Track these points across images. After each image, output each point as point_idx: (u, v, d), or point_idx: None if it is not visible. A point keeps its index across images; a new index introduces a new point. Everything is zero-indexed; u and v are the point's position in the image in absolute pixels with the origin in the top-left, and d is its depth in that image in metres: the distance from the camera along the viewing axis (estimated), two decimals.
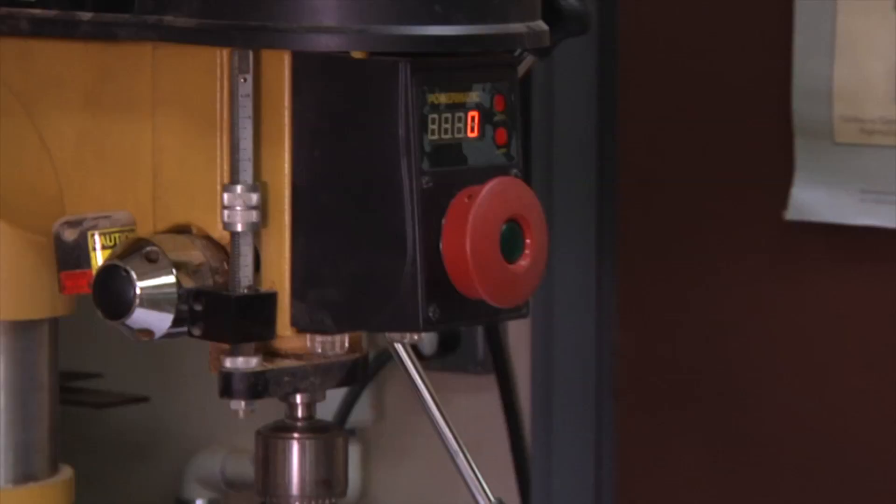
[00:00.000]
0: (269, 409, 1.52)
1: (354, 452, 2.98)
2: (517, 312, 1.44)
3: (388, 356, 2.90)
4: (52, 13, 1.43)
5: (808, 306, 2.38)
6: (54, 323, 1.60)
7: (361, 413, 2.90)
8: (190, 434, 3.14)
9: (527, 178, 1.45)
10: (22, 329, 1.58)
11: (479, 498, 1.51)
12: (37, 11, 1.44)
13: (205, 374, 3.06)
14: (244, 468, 3.02)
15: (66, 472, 1.61)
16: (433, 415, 1.53)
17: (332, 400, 2.73)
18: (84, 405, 2.80)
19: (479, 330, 2.77)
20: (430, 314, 1.37)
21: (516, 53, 1.46)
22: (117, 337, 3.07)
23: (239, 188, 1.38)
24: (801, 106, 2.32)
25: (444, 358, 2.81)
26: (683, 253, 2.46)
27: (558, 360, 2.64)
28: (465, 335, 2.80)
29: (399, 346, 1.49)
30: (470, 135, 1.40)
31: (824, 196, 2.33)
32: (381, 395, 2.98)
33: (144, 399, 3.04)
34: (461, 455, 1.53)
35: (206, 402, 3.10)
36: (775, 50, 2.34)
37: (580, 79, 2.52)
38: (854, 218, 2.31)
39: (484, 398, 2.82)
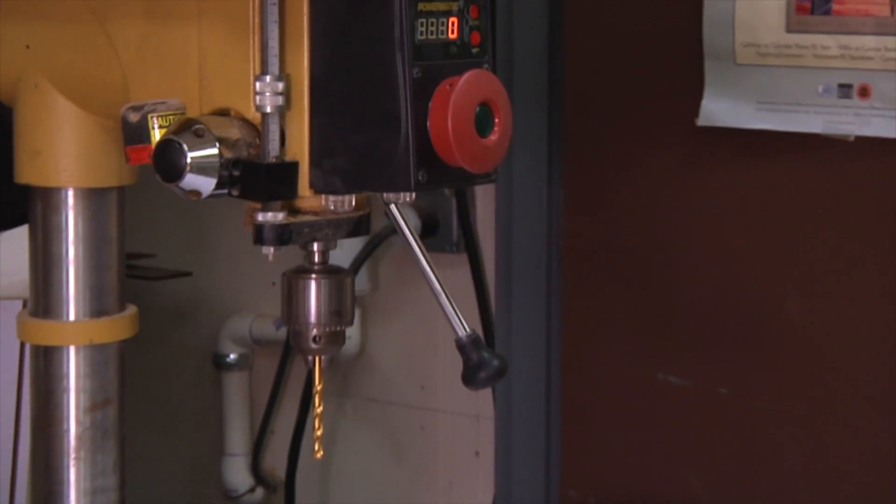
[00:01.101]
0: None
1: (355, 315, 3.00)
2: (487, 178, 1.45)
3: (382, 238, 2.93)
4: None
5: (716, 192, 2.38)
6: (121, 191, 1.60)
7: (360, 284, 2.91)
8: (224, 302, 3.15)
9: (494, 72, 1.46)
10: (96, 195, 1.58)
11: (458, 328, 1.52)
12: None
13: (237, 255, 3.10)
14: (267, 329, 3.04)
15: (132, 309, 1.63)
16: (419, 260, 1.54)
17: None
18: (140, 278, 2.81)
19: (454, 216, 2.77)
20: (420, 178, 1.39)
21: None
22: (167, 224, 3.10)
23: (268, 78, 1.39)
24: (710, 34, 2.32)
25: (425, 240, 2.80)
26: (617, 152, 2.46)
27: (517, 241, 2.62)
28: (442, 222, 2.80)
29: (393, 207, 1.49)
30: (451, 36, 1.41)
31: (727, 106, 2.33)
32: (376, 270, 2.99)
33: (188, 274, 3.05)
34: (443, 295, 1.53)
35: (237, 277, 3.12)
36: None
37: (529, 11, 2.53)
38: (751, 123, 2.31)
39: (458, 273, 2.83)
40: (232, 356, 3.14)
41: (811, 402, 2.32)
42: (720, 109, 2.33)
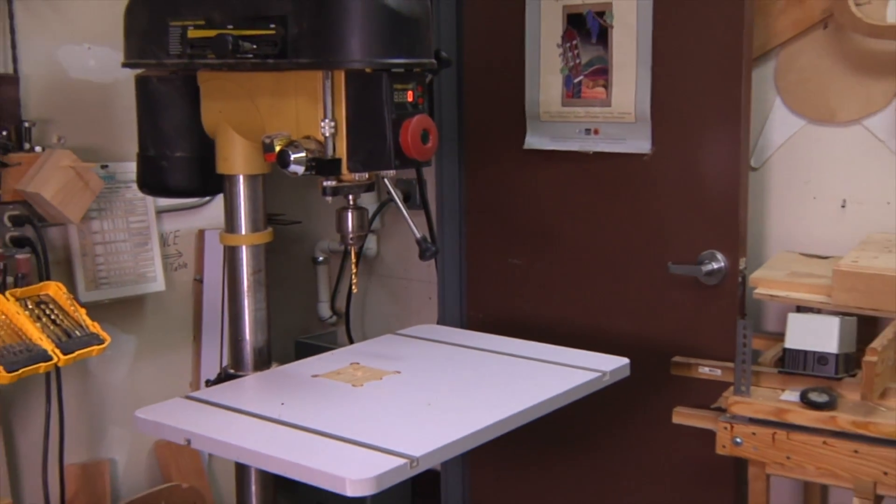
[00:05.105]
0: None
1: (374, 238, 2.97)
2: (427, 164, 1.42)
3: (384, 204, 2.86)
4: (257, 60, 1.39)
5: (532, 177, 2.33)
6: (264, 176, 1.57)
7: (376, 225, 2.87)
8: (316, 234, 3.10)
9: (431, 116, 1.42)
10: (252, 178, 1.55)
11: (416, 233, 1.50)
12: (254, 60, 1.39)
13: (320, 212, 3.04)
14: (336, 246, 3.01)
15: (270, 229, 1.60)
16: (399, 205, 1.51)
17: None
18: (277, 224, 2.76)
19: (417, 192, 2.68)
20: (396, 163, 1.37)
21: (427, 70, 1.43)
22: (289, 200, 3.04)
23: (327, 120, 1.37)
24: (528, 107, 2.28)
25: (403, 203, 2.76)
26: (488, 160, 2.38)
27: (445, 202, 2.56)
28: (412, 194, 2.73)
29: (387, 180, 1.46)
30: (409, 100, 1.38)
31: (537, 139, 2.29)
32: (384, 219, 2.94)
33: (300, 222, 3.00)
34: (410, 221, 1.52)
35: (321, 222, 3.08)
36: (520, 85, 2.29)
37: (448, 93, 2.45)
38: (548, 147, 2.27)
39: (418, 220, 2.79)
40: (321, 258, 3.09)
41: (575, 268, 2.30)
42: (534, 141, 2.30)
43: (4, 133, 1.84)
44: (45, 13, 1.96)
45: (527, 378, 1.54)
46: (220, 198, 1.64)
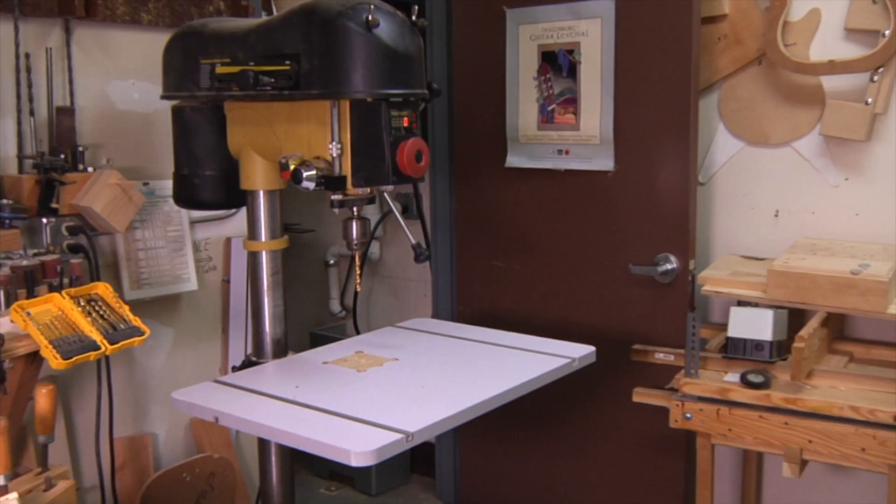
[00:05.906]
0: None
1: (377, 244, 2.94)
2: (421, 180, 1.41)
3: (385, 215, 2.84)
4: (274, 91, 1.37)
5: (513, 191, 2.32)
6: (280, 191, 1.55)
7: (378, 233, 2.85)
8: (327, 241, 3.08)
9: (424, 138, 1.41)
10: (270, 192, 1.54)
11: (411, 239, 1.48)
12: (272, 91, 1.38)
13: (331, 221, 3.02)
14: (344, 251, 2.99)
15: (286, 237, 1.58)
16: (397, 216, 1.49)
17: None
18: (294, 232, 2.75)
19: (414, 203, 2.68)
20: (393, 179, 1.35)
21: (420, 99, 1.42)
22: (303, 210, 3.02)
23: (334, 142, 1.35)
24: (509, 130, 2.27)
25: (402, 213, 2.68)
26: (476, 176, 2.37)
27: (438, 212, 2.55)
28: (409, 206, 2.71)
29: (385, 194, 1.44)
30: (404, 125, 1.37)
31: (516, 158, 2.28)
32: (385, 227, 2.93)
33: (313, 230, 2.98)
34: (406, 229, 1.50)
35: (331, 230, 3.06)
36: (502, 112, 2.27)
37: (441, 119, 2.44)
38: (526, 165, 2.26)
39: (414, 228, 2.77)
40: (332, 261, 3.08)
41: (549, 269, 2.29)
42: (514, 160, 2.29)
43: (62, 156, 1.83)
44: (96, 54, 1.95)
45: (507, 364, 1.53)
46: (243, 210, 1.62)
